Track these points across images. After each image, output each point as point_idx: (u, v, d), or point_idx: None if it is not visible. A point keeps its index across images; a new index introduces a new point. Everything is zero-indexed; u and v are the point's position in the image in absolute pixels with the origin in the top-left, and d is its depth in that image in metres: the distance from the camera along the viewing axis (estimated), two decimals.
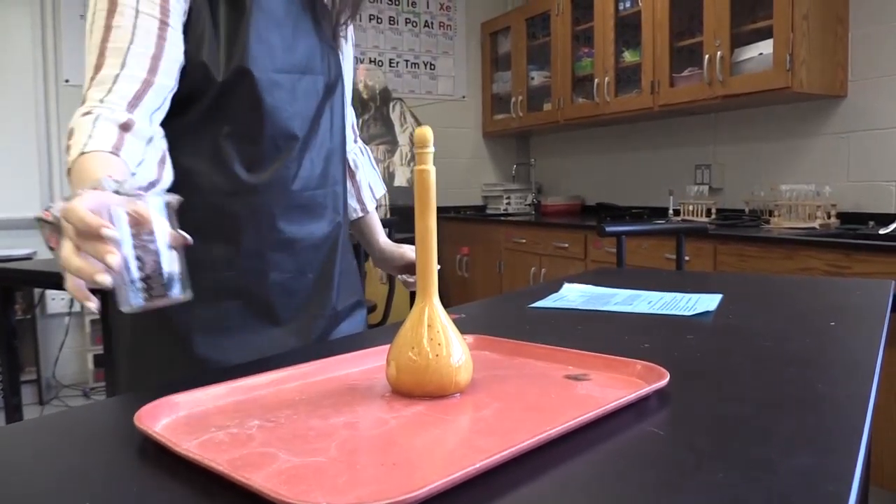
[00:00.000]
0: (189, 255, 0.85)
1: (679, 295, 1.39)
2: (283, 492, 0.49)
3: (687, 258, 2.74)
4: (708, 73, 3.26)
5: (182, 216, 0.82)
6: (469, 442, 0.65)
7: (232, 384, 0.77)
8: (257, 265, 1.09)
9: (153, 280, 0.69)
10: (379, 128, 4.61)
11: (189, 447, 0.59)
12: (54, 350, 3.91)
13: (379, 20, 4.78)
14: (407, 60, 4.89)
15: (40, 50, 3.85)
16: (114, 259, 0.65)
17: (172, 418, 0.69)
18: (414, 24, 4.89)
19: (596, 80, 4.01)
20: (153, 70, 0.95)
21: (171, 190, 0.98)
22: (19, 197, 3.82)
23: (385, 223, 3.45)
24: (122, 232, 0.67)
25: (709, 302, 1.31)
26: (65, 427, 0.74)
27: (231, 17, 1.03)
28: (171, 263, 0.71)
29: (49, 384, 3.87)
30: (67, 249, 0.68)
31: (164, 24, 0.97)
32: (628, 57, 3.88)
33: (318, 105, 1.13)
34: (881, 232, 2.69)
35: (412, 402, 0.73)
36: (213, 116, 1.04)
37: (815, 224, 2.98)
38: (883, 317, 1.18)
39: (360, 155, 1.40)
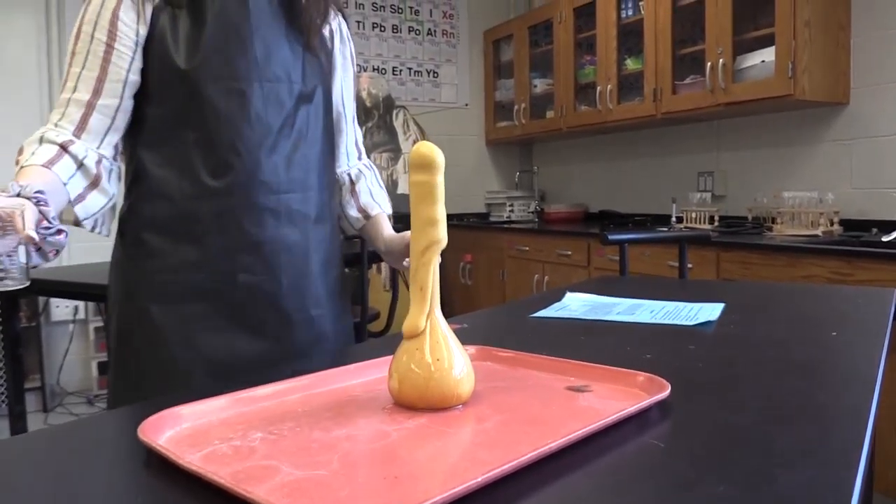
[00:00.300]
0: (161, 257, 1.09)
1: (681, 304, 1.40)
2: None
3: (690, 265, 2.73)
4: (710, 80, 3.27)
5: (154, 220, 1.07)
6: (471, 454, 0.65)
7: (234, 396, 0.77)
8: (225, 266, 1.13)
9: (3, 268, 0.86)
10: (382, 136, 4.62)
11: (192, 460, 0.60)
12: (58, 357, 3.91)
13: (382, 28, 4.79)
14: (410, 68, 4.90)
15: (44, 54, 3.87)
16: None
17: (176, 430, 0.70)
18: (417, 32, 4.91)
19: (598, 88, 4.02)
20: (97, 92, 1.07)
21: (144, 197, 1.12)
22: None
23: None
24: None
25: (711, 311, 1.31)
26: (68, 439, 0.74)
27: (191, 32, 1.10)
28: (20, 257, 0.86)
29: (53, 391, 3.88)
30: None
31: (109, 47, 1.07)
32: (631, 65, 3.88)
33: (289, 112, 1.16)
34: (884, 239, 2.69)
35: (414, 414, 0.74)
36: (178, 125, 1.11)
37: (818, 231, 2.98)
38: (885, 326, 1.18)
39: (365, 169, 1.41)
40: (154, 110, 1.12)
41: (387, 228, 1.37)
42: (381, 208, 1.40)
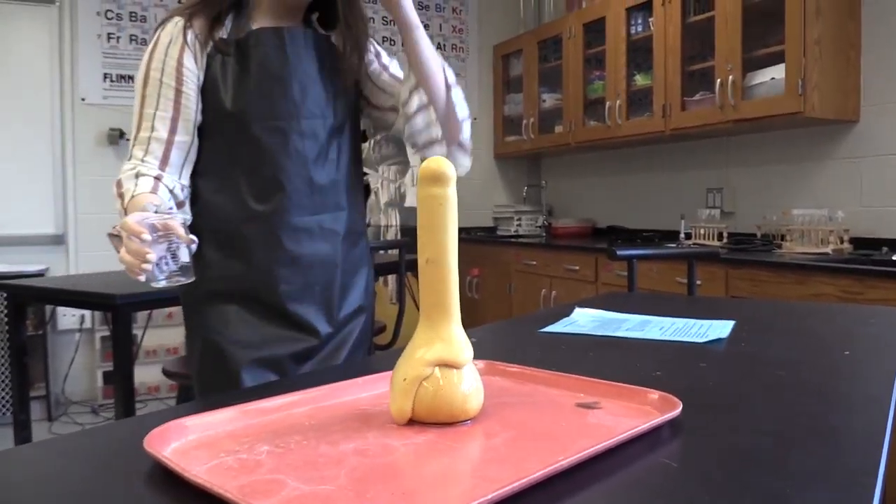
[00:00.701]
0: (212, 268, 1.29)
1: (691, 321, 1.38)
2: None
3: (699, 282, 2.72)
4: (720, 97, 3.26)
5: (207, 236, 1.25)
6: (480, 471, 0.64)
7: (242, 408, 0.77)
8: (267, 279, 1.30)
9: (171, 268, 1.04)
10: (391, 149, 4.63)
11: (198, 472, 0.59)
12: (64, 366, 3.91)
13: (392, 42, 4.81)
14: None
15: (57, 68, 3.90)
16: (148, 256, 0.99)
17: (182, 442, 0.69)
18: None
19: (608, 103, 4.02)
20: (173, 130, 1.24)
21: (201, 216, 1.29)
22: (34, 214, 3.86)
23: (396, 244, 3.46)
24: (154, 236, 1.00)
25: (721, 329, 1.30)
26: (73, 450, 0.74)
27: (238, 77, 1.26)
28: (184, 257, 1.05)
29: (58, 400, 3.88)
30: (122, 250, 1.02)
31: (178, 91, 1.24)
32: (640, 80, 3.89)
33: (322, 144, 1.32)
34: (894, 258, 2.67)
35: (422, 429, 0.73)
36: (229, 158, 1.28)
37: (828, 249, 2.96)
38: None
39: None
40: (208, 144, 1.29)
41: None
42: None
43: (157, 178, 1.20)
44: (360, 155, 1.45)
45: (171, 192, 1.22)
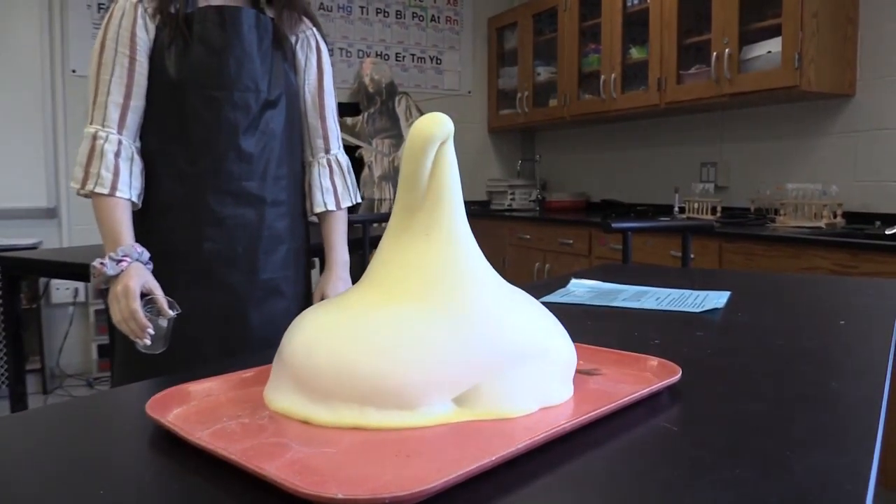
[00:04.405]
0: (145, 225, 1.39)
1: (687, 292, 1.39)
2: (297, 482, 0.49)
3: (692, 256, 2.73)
4: (715, 70, 3.25)
5: (139, 196, 1.37)
6: (483, 434, 0.64)
7: (242, 374, 0.77)
8: (194, 235, 1.39)
9: (155, 337, 1.24)
10: (385, 122, 4.60)
11: (201, 436, 0.59)
12: (58, 339, 3.91)
13: (386, 14, 4.76)
14: (413, 55, 4.88)
15: (48, 40, 3.84)
16: (145, 341, 1.23)
17: (183, 408, 0.69)
18: (420, 18, 4.88)
19: (602, 77, 4.00)
20: (128, 95, 1.35)
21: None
22: (26, 187, 3.82)
23: (386, 218, 3.45)
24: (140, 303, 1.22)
25: (717, 299, 1.30)
26: (73, 416, 0.74)
27: (181, 50, 1.37)
28: (165, 327, 1.25)
29: (53, 373, 3.88)
30: (118, 317, 1.24)
31: (132, 59, 1.35)
32: (635, 54, 3.86)
33: (254, 116, 1.42)
34: (888, 232, 2.68)
35: None
36: (167, 123, 1.39)
37: (822, 223, 2.97)
38: (892, 316, 1.18)
39: (326, 165, 1.55)
40: (149, 108, 1.39)
41: (333, 249, 1.56)
42: (324, 206, 1.54)
43: (117, 154, 1.32)
44: (298, 129, 1.53)
45: (131, 158, 1.35)
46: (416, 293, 0.71)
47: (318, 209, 1.54)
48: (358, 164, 4.51)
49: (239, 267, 1.42)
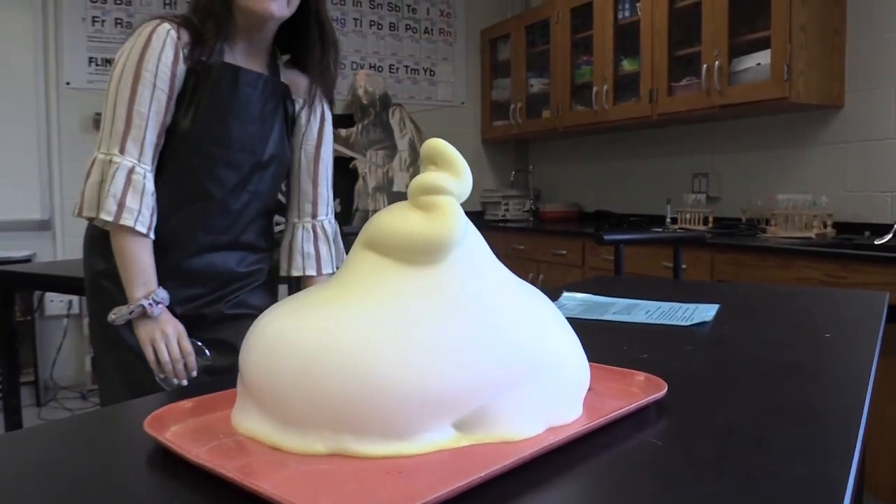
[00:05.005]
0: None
1: (677, 305, 1.41)
2: (293, 499, 0.50)
3: (684, 266, 2.75)
4: (706, 82, 3.29)
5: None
6: (472, 450, 0.66)
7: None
8: (172, 291, 1.39)
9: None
10: (378, 133, 4.63)
11: (199, 453, 0.61)
12: (52, 352, 3.91)
13: (379, 26, 4.80)
14: (407, 66, 4.91)
15: (42, 52, 3.86)
16: (183, 382, 1.37)
17: (181, 425, 0.70)
18: (414, 30, 4.91)
19: (595, 88, 4.04)
20: (161, 134, 1.35)
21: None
22: (19, 199, 3.83)
23: None
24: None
25: (706, 312, 1.32)
26: (71, 433, 0.75)
27: (191, 98, 1.37)
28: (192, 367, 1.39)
29: (47, 385, 3.88)
30: (166, 357, 1.35)
31: (169, 98, 1.34)
32: (627, 65, 3.90)
33: (244, 175, 1.44)
34: (877, 242, 2.71)
35: None
36: (168, 162, 1.39)
37: (812, 234, 3.00)
38: (877, 328, 1.20)
39: (310, 230, 1.59)
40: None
41: None
42: (303, 271, 1.58)
43: (152, 194, 1.34)
44: (279, 183, 1.56)
45: (151, 194, 1.35)
46: (404, 288, 0.63)
47: (296, 273, 1.57)
48: (352, 176, 4.53)
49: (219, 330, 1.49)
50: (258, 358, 0.64)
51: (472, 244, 0.69)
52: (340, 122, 4.48)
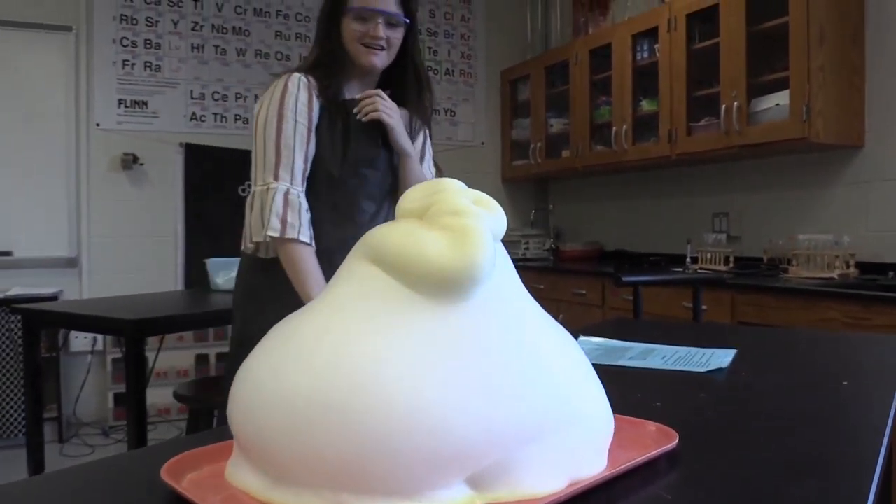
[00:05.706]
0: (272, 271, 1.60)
1: (693, 350, 1.41)
2: None
3: (704, 307, 2.73)
4: (725, 122, 3.30)
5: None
6: None
7: None
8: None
9: None
10: None
11: (214, 502, 0.62)
12: (75, 388, 3.95)
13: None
14: None
15: (73, 94, 3.97)
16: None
17: (197, 473, 0.71)
18: (435, 71, 4.99)
19: (614, 128, 4.06)
20: (307, 160, 1.59)
21: None
22: (48, 237, 3.91)
23: None
24: None
25: (723, 357, 1.32)
26: (90, 480, 0.77)
27: (325, 133, 1.62)
28: None
29: (69, 422, 3.91)
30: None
31: (309, 130, 1.59)
32: (646, 106, 3.93)
33: (379, 203, 1.68)
34: None
35: None
36: (321, 189, 1.62)
37: (834, 274, 2.96)
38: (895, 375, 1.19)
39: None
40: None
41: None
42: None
43: (307, 210, 1.55)
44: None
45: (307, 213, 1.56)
46: (414, 323, 0.54)
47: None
48: None
49: None
50: (244, 407, 0.57)
51: (502, 277, 0.60)
52: None
